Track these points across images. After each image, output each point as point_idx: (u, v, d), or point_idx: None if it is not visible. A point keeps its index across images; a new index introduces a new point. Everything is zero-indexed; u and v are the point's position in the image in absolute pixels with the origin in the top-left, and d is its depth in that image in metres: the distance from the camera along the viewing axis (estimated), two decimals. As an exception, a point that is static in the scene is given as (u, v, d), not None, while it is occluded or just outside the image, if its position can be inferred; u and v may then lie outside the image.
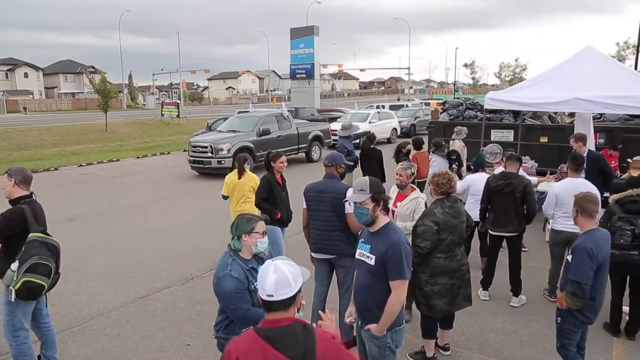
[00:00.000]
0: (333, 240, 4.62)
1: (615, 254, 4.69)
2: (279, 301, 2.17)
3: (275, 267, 2.20)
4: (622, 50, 41.07)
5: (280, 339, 2.14)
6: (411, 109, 28.69)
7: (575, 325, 3.93)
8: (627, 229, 4.74)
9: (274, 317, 2.21)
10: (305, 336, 2.16)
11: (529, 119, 13.41)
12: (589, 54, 8.91)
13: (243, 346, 2.20)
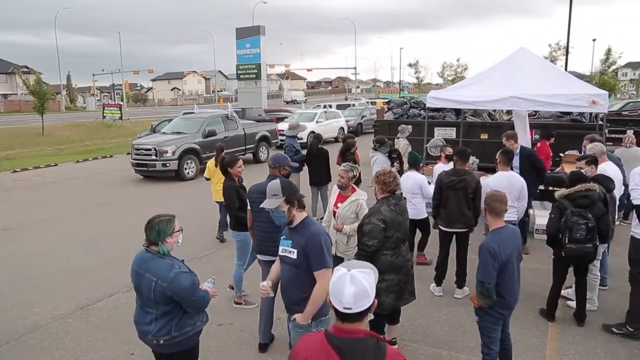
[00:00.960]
0: (275, 242, 4.59)
1: (572, 248, 4.95)
2: (355, 314, 2.05)
3: (352, 278, 2.04)
4: (554, 51, 43.27)
5: (349, 351, 2.04)
6: (358, 108, 29.04)
7: (491, 322, 4.01)
8: (581, 224, 4.91)
9: (347, 327, 2.08)
10: (376, 353, 2.04)
11: (470, 116, 13.88)
12: (523, 55, 9.33)
13: (313, 349, 2.13)
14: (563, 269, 5.37)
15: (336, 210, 5.28)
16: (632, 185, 4.92)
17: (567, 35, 26.45)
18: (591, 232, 4.91)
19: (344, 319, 2.08)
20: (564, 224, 5.00)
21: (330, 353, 2.05)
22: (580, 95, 8.11)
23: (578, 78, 12.91)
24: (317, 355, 2.09)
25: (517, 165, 7.26)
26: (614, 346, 4.93)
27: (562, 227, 5.01)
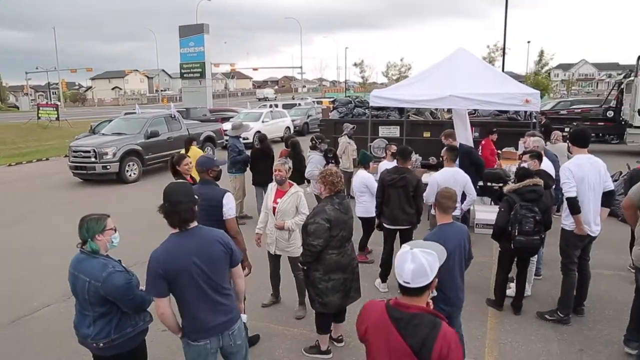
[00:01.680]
0: None
1: (522, 240, 5.17)
2: (414, 289, 2.25)
3: (413, 256, 2.25)
4: (492, 52, 44.97)
5: (404, 324, 2.24)
6: (304, 107, 29.14)
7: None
8: (530, 217, 5.14)
9: (406, 302, 2.29)
10: (430, 329, 2.22)
11: (413, 115, 14.23)
12: (461, 55, 9.66)
13: (374, 319, 2.36)
14: (509, 261, 5.62)
15: (276, 206, 5.29)
16: (563, 179, 5.17)
17: (504, 37, 27.66)
18: (538, 225, 5.16)
19: (404, 293, 2.31)
20: (513, 217, 5.21)
21: (388, 324, 2.27)
22: (515, 94, 8.50)
23: (514, 78, 13.52)
24: (376, 326, 2.33)
25: (457, 163, 7.48)
26: (547, 332, 5.21)
27: (512, 220, 5.22)
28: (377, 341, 2.34)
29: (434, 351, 2.18)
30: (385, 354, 2.30)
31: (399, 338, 2.24)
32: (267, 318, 5.62)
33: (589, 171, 5.14)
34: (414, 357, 2.22)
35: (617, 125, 17.38)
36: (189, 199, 3.11)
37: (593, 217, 5.21)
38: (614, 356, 4.72)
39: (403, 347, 2.23)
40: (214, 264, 3.11)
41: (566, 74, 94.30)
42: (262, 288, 6.14)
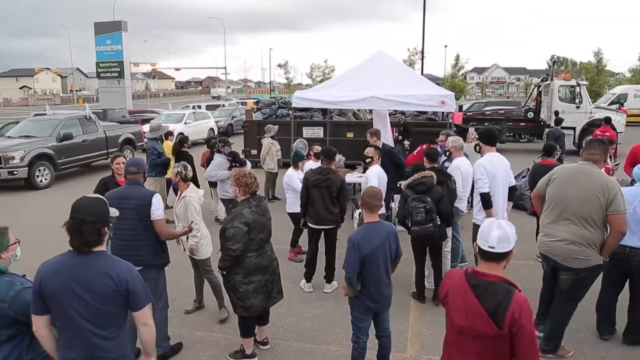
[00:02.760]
0: (137, 250, 4.38)
1: (417, 230, 5.45)
2: (497, 253, 2.54)
3: (498, 224, 2.57)
4: (412, 55, 46.60)
5: (481, 290, 2.54)
6: (228, 108, 28.68)
7: (359, 313, 4.17)
8: (420, 207, 5.43)
9: (483, 271, 2.59)
10: (504, 296, 2.50)
11: (336, 116, 14.42)
12: (381, 58, 9.92)
13: (454, 284, 2.68)
14: (419, 251, 5.86)
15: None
16: (477, 176, 5.47)
17: (422, 40, 28.72)
18: (430, 213, 5.42)
19: (486, 258, 2.59)
20: (406, 210, 5.51)
21: (467, 290, 2.58)
22: (432, 95, 8.85)
23: (433, 80, 14.06)
24: (456, 290, 2.65)
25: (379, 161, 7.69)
26: (464, 323, 5.44)
27: (405, 213, 5.53)
28: (455, 303, 2.65)
29: (507, 314, 2.45)
30: (462, 314, 2.59)
31: (476, 302, 2.53)
32: (190, 324, 5.46)
33: (499, 168, 5.51)
34: (488, 319, 2.50)
35: (536, 125, 18.63)
36: (97, 218, 2.66)
37: (502, 211, 5.56)
38: (524, 341, 5.02)
39: (479, 309, 2.52)
40: (97, 299, 2.64)
41: (480, 77, 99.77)
42: (185, 294, 5.97)
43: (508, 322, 2.46)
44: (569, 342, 4.81)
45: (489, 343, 2.54)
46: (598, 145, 4.45)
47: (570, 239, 4.31)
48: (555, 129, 13.55)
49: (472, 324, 2.55)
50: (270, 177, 10.94)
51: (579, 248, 4.28)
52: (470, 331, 2.57)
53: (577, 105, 17.95)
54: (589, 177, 4.28)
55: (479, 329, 2.53)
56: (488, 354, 2.57)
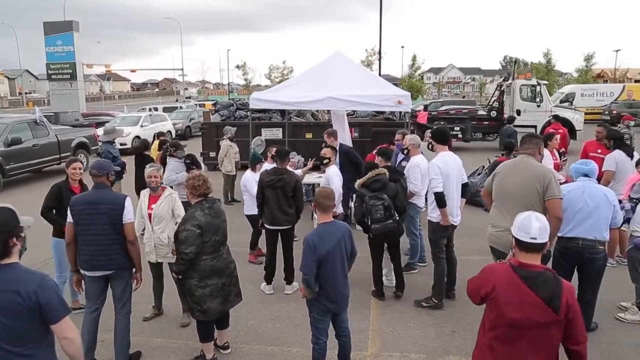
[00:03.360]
0: (110, 255, 4.33)
1: (377, 227, 5.52)
2: (539, 244, 2.70)
3: (536, 217, 2.75)
4: (370, 55, 46.90)
5: (533, 280, 2.66)
6: (185, 110, 28.22)
7: (318, 314, 4.18)
8: (378, 204, 5.52)
9: (528, 262, 2.72)
10: (555, 283, 2.66)
11: (295, 117, 14.42)
12: (338, 58, 9.96)
13: (501, 278, 2.74)
14: (378, 248, 5.94)
15: (151, 212, 5.15)
16: (432, 175, 5.58)
17: (379, 41, 29.05)
18: (388, 210, 5.54)
19: (528, 249, 2.72)
20: (365, 208, 5.58)
21: (519, 282, 2.67)
22: (388, 95, 8.96)
23: (391, 81, 14.24)
24: (505, 283, 2.71)
25: (337, 162, 7.73)
26: (424, 318, 5.55)
27: (365, 211, 5.59)
28: (507, 296, 2.69)
29: (562, 300, 2.62)
30: (516, 307, 2.66)
31: (530, 292, 2.64)
32: (148, 332, 5.34)
33: (453, 167, 5.65)
34: (545, 306, 2.62)
35: (500, 124, 19.10)
36: (2, 229, 2.53)
37: (456, 208, 5.72)
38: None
39: (535, 299, 2.63)
40: (4, 315, 2.49)
41: (437, 77, 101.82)
42: (143, 301, 5.82)
43: (564, 307, 2.63)
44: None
45: (542, 332, 2.66)
46: (530, 140, 4.76)
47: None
48: (508, 127, 14.01)
49: (527, 315, 2.65)
50: (228, 180, 10.83)
51: None
52: (526, 322, 2.66)
53: (537, 104, 18.61)
54: (526, 168, 4.55)
55: (536, 319, 2.64)
56: (540, 342, 2.69)
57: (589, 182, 4.94)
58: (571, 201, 4.79)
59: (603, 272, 4.97)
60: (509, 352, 2.75)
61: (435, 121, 19.22)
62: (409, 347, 4.98)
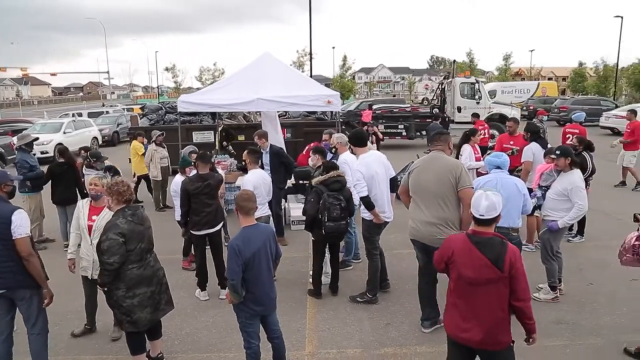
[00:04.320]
0: (3, 273, 4.04)
1: (331, 225, 5.62)
2: (487, 219, 3.26)
3: (486, 196, 3.27)
4: (301, 56, 47.11)
5: (483, 244, 3.23)
6: (112, 115, 27.07)
7: (246, 318, 4.14)
8: (336, 204, 5.63)
9: (481, 230, 3.30)
10: (501, 246, 3.21)
11: (227, 119, 14.23)
12: (267, 59, 9.95)
13: (458, 245, 3.34)
14: (322, 248, 6.01)
15: (92, 224, 4.84)
16: (354, 181, 5.71)
17: (310, 42, 29.27)
18: (344, 211, 5.70)
19: (479, 223, 3.30)
20: (322, 205, 5.64)
21: (471, 247, 3.26)
22: (318, 96, 9.05)
23: (323, 81, 14.36)
24: (461, 249, 3.30)
25: (268, 162, 7.80)
26: (359, 313, 5.66)
27: (321, 209, 5.65)
28: (462, 259, 3.28)
29: (506, 260, 3.16)
30: (469, 267, 3.24)
31: (480, 255, 3.20)
32: (76, 349, 5.09)
33: (376, 167, 5.79)
34: (492, 266, 3.17)
35: (442, 121, 19.70)
36: None
37: (387, 205, 5.87)
38: (414, 324, 5.34)
39: (484, 260, 3.19)
40: None
41: (368, 76, 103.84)
42: (69, 317, 5.56)
43: (507, 266, 3.16)
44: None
45: (493, 287, 3.20)
46: (439, 137, 5.13)
47: (431, 220, 4.78)
48: (435, 124, 14.62)
49: (479, 274, 3.21)
50: (157, 186, 10.49)
51: (439, 229, 4.75)
52: (478, 279, 3.21)
53: (477, 101, 19.42)
54: (439, 162, 4.86)
55: (486, 276, 3.19)
56: (493, 296, 3.22)
57: (501, 174, 5.31)
58: (486, 193, 5.08)
59: None
60: (468, 305, 3.30)
61: (380, 119, 19.63)
62: (345, 343, 5.07)
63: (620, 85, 52.72)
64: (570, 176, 5.63)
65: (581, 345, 4.91)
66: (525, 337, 3.43)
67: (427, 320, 5.20)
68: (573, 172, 5.65)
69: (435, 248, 4.79)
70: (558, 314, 5.53)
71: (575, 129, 10.62)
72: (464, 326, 3.31)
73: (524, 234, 7.14)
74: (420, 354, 4.84)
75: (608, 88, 50.80)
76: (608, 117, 24.91)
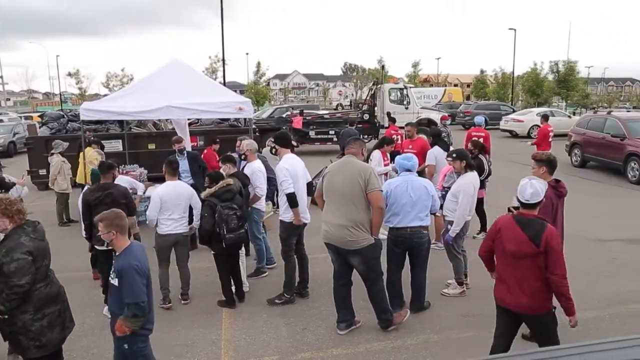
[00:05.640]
0: None
1: (232, 237, 5.58)
2: (531, 203, 3.82)
3: (531, 184, 3.83)
4: (214, 63, 46.32)
5: (524, 224, 3.81)
6: (7, 124, 24.94)
7: (142, 342, 3.93)
8: (232, 214, 5.59)
9: (525, 212, 3.88)
10: (540, 225, 3.76)
11: (135, 127, 13.66)
12: (176, 65, 9.64)
13: (504, 223, 3.95)
14: (225, 260, 5.92)
15: None
16: (282, 178, 5.75)
17: (222, 48, 28.91)
18: (241, 219, 5.71)
19: (524, 207, 3.88)
20: (219, 218, 5.57)
21: (514, 225, 3.85)
22: (229, 102, 8.91)
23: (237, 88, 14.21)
24: (506, 227, 3.90)
25: (188, 169, 7.70)
26: (276, 320, 5.66)
27: (218, 221, 5.58)
28: (506, 235, 3.87)
29: (543, 238, 3.69)
30: (512, 242, 3.83)
31: (520, 232, 3.78)
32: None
33: (299, 167, 5.94)
34: (530, 242, 3.73)
35: (372, 126, 20.03)
36: None
37: (306, 207, 6.01)
38: (330, 327, 5.41)
39: (523, 237, 3.76)
40: None
41: (283, 83, 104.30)
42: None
43: (544, 243, 3.67)
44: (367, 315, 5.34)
45: (531, 261, 3.75)
46: (354, 141, 5.35)
47: (342, 223, 4.90)
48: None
49: (519, 248, 3.77)
50: (62, 199, 9.83)
51: (349, 231, 4.88)
52: (518, 253, 3.78)
53: (405, 106, 20.00)
54: (350, 166, 5.02)
55: (525, 251, 3.75)
56: (532, 268, 3.77)
57: (411, 176, 5.54)
58: (397, 196, 5.34)
59: (428, 254, 5.65)
60: (512, 275, 3.87)
61: (311, 126, 19.65)
62: (262, 351, 5.03)
63: (517, 91, 57.15)
64: (463, 179, 6.01)
65: (488, 335, 5.20)
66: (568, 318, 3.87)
67: (343, 322, 5.29)
68: (466, 175, 6.02)
69: (347, 250, 4.96)
70: (465, 308, 5.85)
71: (480, 132, 11.39)
72: (509, 293, 3.89)
73: (433, 233, 7.47)
74: (336, 356, 4.91)
75: (506, 94, 54.79)
76: (507, 120, 26.87)
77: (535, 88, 47.76)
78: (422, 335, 5.24)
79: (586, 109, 50.42)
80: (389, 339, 5.16)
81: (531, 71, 48.65)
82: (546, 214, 4.69)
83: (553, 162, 4.96)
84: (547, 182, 4.69)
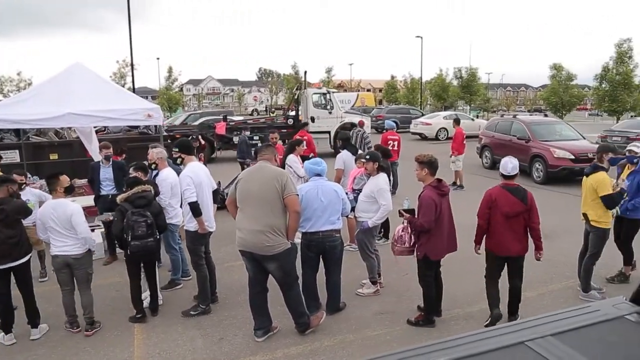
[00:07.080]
0: None
1: (137, 244, 5.39)
2: (512, 175, 5.19)
3: (510, 160, 5.19)
4: (122, 67, 44.35)
5: (513, 190, 5.15)
6: None
7: None
8: (141, 221, 5.41)
9: (508, 182, 5.21)
10: (523, 190, 5.19)
11: (34, 136, 12.73)
12: (78, 70, 9.11)
13: (496, 192, 5.18)
14: (135, 268, 5.71)
15: None
16: (184, 186, 5.67)
17: (131, 52, 27.72)
18: (150, 227, 5.50)
19: (507, 178, 5.21)
20: (126, 224, 5.42)
21: (506, 192, 5.13)
22: (136, 109, 8.58)
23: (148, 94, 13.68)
24: (500, 195, 5.14)
25: (111, 178, 7.76)
26: (191, 332, 5.50)
27: (125, 227, 5.43)
28: (501, 201, 5.09)
29: (528, 198, 5.12)
30: (507, 205, 5.07)
31: (512, 197, 5.09)
32: None
33: (203, 175, 5.88)
34: (520, 202, 5.08)
35: (296, 131, 19.81)
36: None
37: (211, 215, 5.93)
38: (247, 335, 5.35)
39: (514, 199, 5.09)
40: None
41: (196, 88, 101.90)
42: None
43: (529, 201, 5.11)
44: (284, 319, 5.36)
45: (521, 217, 5.11)
46: (266, 148, 5.42)
47: (258, 228, 4.88)
48: (243, 135, 15.30)
49: (513, 208, 5.07)
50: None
51: (267, 236, 4.87)
52: (512, 212, 5.06)
53: (329, 111, 20.09)
54: (265, 171, 5.03)
55: (517, 209, 5.08)
56: (520, 222, 5.13)
57: (321, 181, 5.65)
58: (309, 201, 5.42)
59: (342, 256, 5.76)
60: (508, 230, 5.12)
61: (235, 131, 19.24)
62: (177, 365, 4.87)
63: (425, 96, 60.01)
64: (376, 179, 6.22)
65: (398, 330, 5.43)
66: (535, 254, 5.30)
67: (260, 330, 5.27)
68: (379, 176, 6.25)
69: (264, 256, 4.93)
70: (380, 306, 6.03)
71: (394, 135, 12.01)
72: (508, 244, 5.15)
73: (346, 235, 7.65)
74: (254, 363, 4.88)
75: (416, 98, 57.37)
76: (416, 124, 28.12)
77: (441, 93, 50.65)
78: (339, 335, 5.34)
79: (487, 112, 54.08)
80: (307, 342, 5.20)
81: (437, 77, 51.42)
82: (429, 214, 5.07)
83: (434, 164, 5.38)
84: (429, 182, 5.27)
